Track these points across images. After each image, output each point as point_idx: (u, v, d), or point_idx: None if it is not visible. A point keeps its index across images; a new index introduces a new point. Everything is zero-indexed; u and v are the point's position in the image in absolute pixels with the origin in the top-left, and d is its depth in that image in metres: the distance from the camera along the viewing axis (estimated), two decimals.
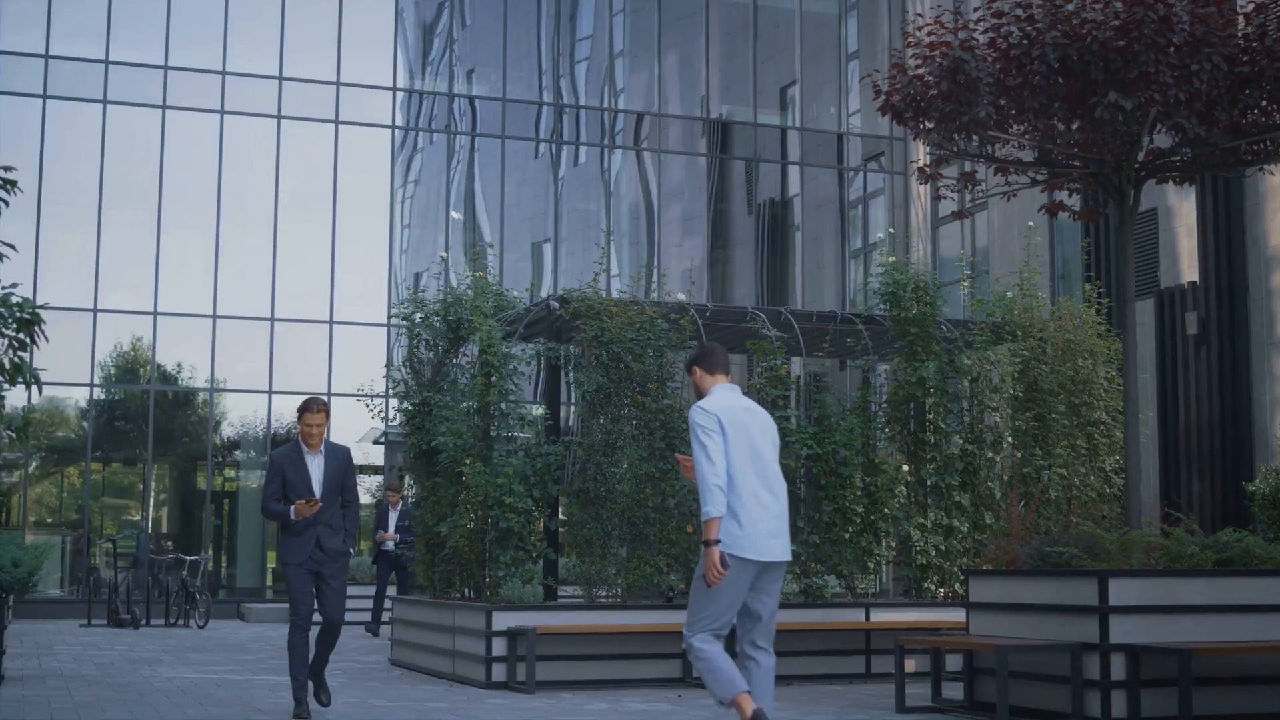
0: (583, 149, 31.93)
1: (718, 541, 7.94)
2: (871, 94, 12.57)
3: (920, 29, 12.15)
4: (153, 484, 28.76)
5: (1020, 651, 10.89)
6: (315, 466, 10.95)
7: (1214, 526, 19.20)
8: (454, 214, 31.19)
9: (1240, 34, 11.00)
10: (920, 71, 11.72)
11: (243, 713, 11.41)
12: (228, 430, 29.60)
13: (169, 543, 28.39)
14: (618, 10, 32.53)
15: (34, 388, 12.37)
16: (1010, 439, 15.89)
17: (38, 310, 12.26)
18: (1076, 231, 24.50)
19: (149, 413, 28.31)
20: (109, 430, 29.15)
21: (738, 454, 8.05)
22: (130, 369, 28.82)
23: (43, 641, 19.71)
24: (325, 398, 11.06)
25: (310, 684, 11.16)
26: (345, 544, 11.00)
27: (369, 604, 21.91)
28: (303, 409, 11.02)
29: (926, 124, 11.97)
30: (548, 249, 31.43)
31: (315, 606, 10.90)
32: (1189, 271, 22.56)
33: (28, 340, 12.16)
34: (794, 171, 32.71)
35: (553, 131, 31.49)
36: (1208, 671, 10.50)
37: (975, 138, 12.14)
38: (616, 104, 32.10)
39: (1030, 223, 15.83)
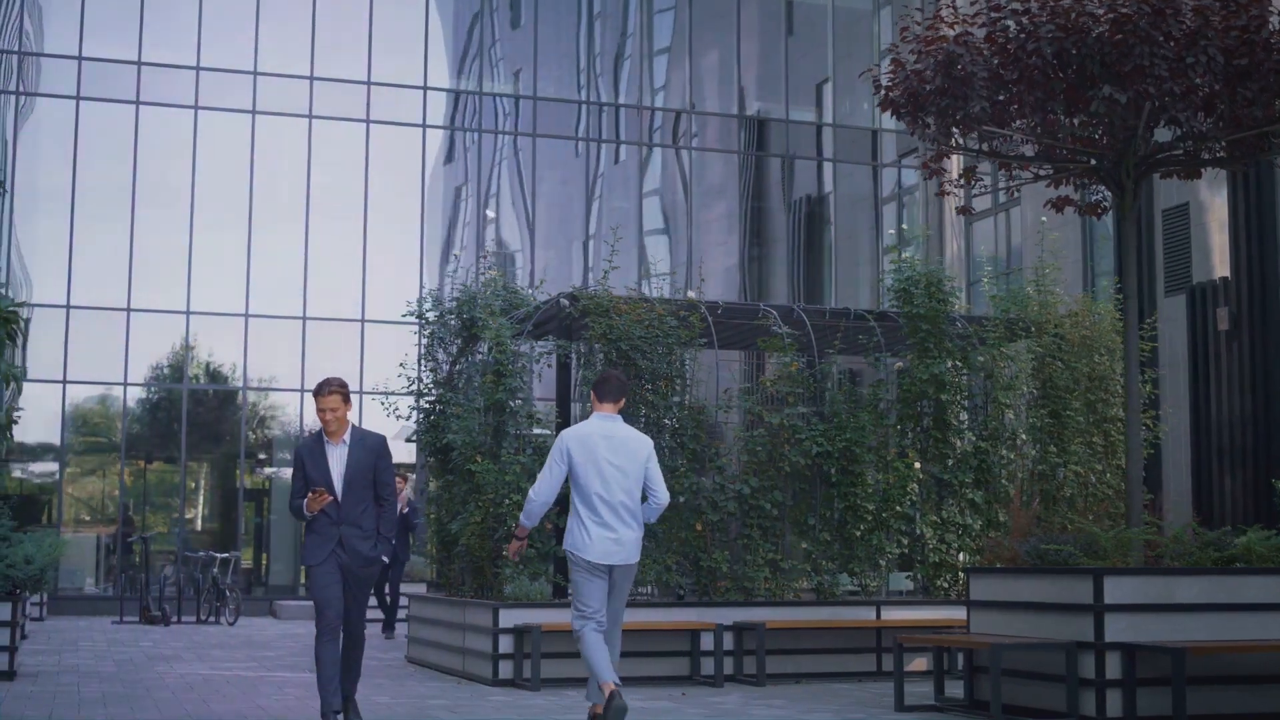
0: (622, 147, 31.91)
1: (521, 540, 10.03)
2: (872, 89, 12.50)
3: (918, 23, 12.08)
4: (187, 482, 28.97)
5: (1015, 650, 10.81)
6: (337, 458, 9.69)
7: (1246, 524, 18.99)
8: (488, 213, 31.24)
9: (1239, 26, 10.86)
10: (918, 67, 11.64)
11: (243, 709, 11.46)
12: (261, 429, 29.78)
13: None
14: (657, 9, 32.48)
15: (14, 385, 12.23)
16: (1024, 436, 15.78)
17: (17, 308, 12.21)
18: (1109, 228, 24.29)
19: (183, 411, 28.51)
20: (143, 429, 29.38)
21: (584, 474, 9.60)
22: (163, 368, 29.02)
23: (70, 638, 19.89)
24: (341, 378, 9.88)
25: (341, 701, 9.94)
26: (376, 550, 9.71)
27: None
28: (315, 393, 9.76)
29: (926, 120, 11.88)
30: (589, 246, 31.41)
31: (344, 610, 9.68)
32: (1221, 266, 22.31)
33: (5, 338, 12.11)
34: (829, 168, 32.60)
35: (588, 130, 31.49)
36: (1204, 670, 10.39)
37: (975, 133, 12.05)
38: (654, 102, 32.07)
39: (1044, 219, 15.72)
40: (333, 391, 9.66)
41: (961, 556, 15.21)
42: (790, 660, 14.24)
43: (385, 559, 9.81)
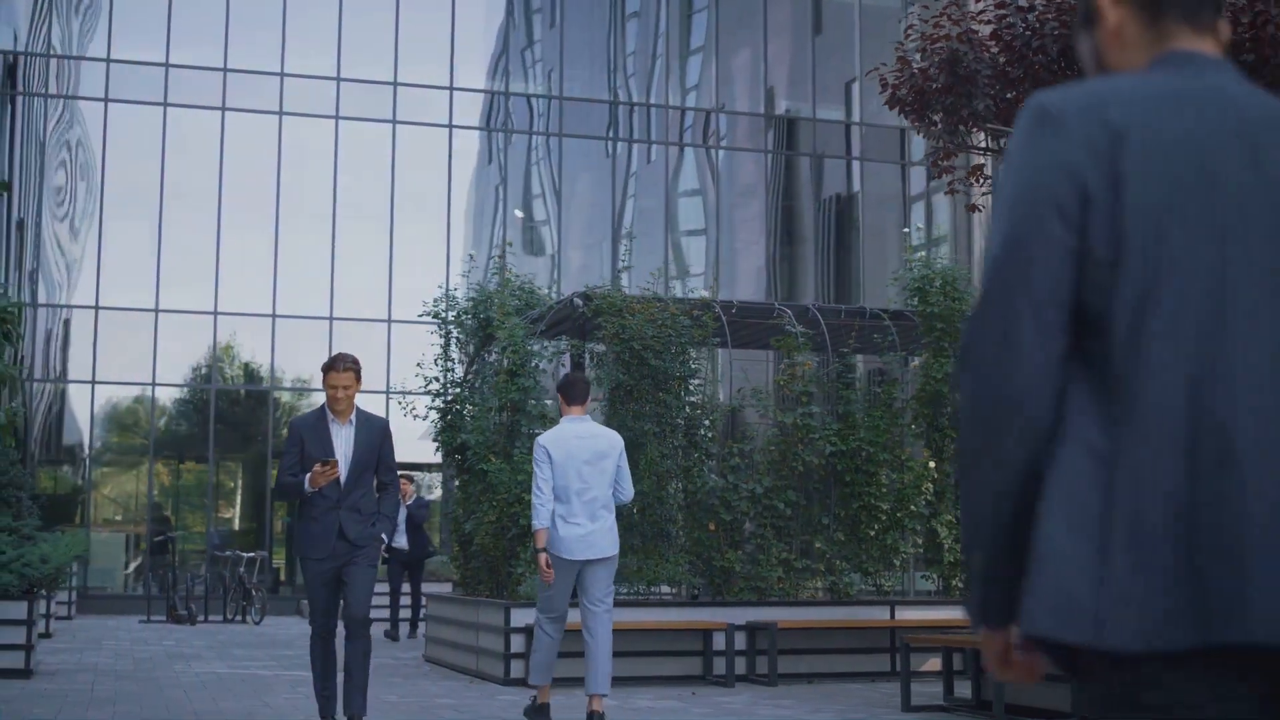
0: (653, 147, 31.90)
1: (544, 550, 10.13)
2: (879, 88, 12.47)
3: (925, 21, 12.05)
4: (216, 482, 29.13)
5: None
6: (342, 438, 9.17)
7: None
8: (517, 212, 31.30)
9: (1246, 22, 10.77)
10: (923, 65, 11.61)
11: (251, 706, 11.52)
12: (289, 428, 29.92)
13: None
14: (686, 10, 32.47)
15: (9, 387, 12.21)
16: None
17: (14, 307, 12.20)
18: None
19: (211, 412, 28.68)
20: (173, 429, 29.56)
21: (562, 475, 10.14)
22: (192, 368, 29.19)
23: (94, 637, 20.01)
24: (355, 355, 9.42)
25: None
26: (375, 527, 9.16)
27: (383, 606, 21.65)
28: (327, 367, 9.21)
29: (933, 118, 11.85)
30: (619, 246, 31.38)
31: (338, 610, 9.24)
32: None
33: (2, 338, 12.11)
34: (857, 166, 32.53)
35: (617, 129, 31.50)
36: None
37: (982, 131, 12.01)
38: (684, 102, 32.07)
39: None
40: (347, 368, 9.15)
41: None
42: (804, 660, 14.21)
43: (385, 537, 9.31)
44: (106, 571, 28.05)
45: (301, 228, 28.96)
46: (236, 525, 29.77)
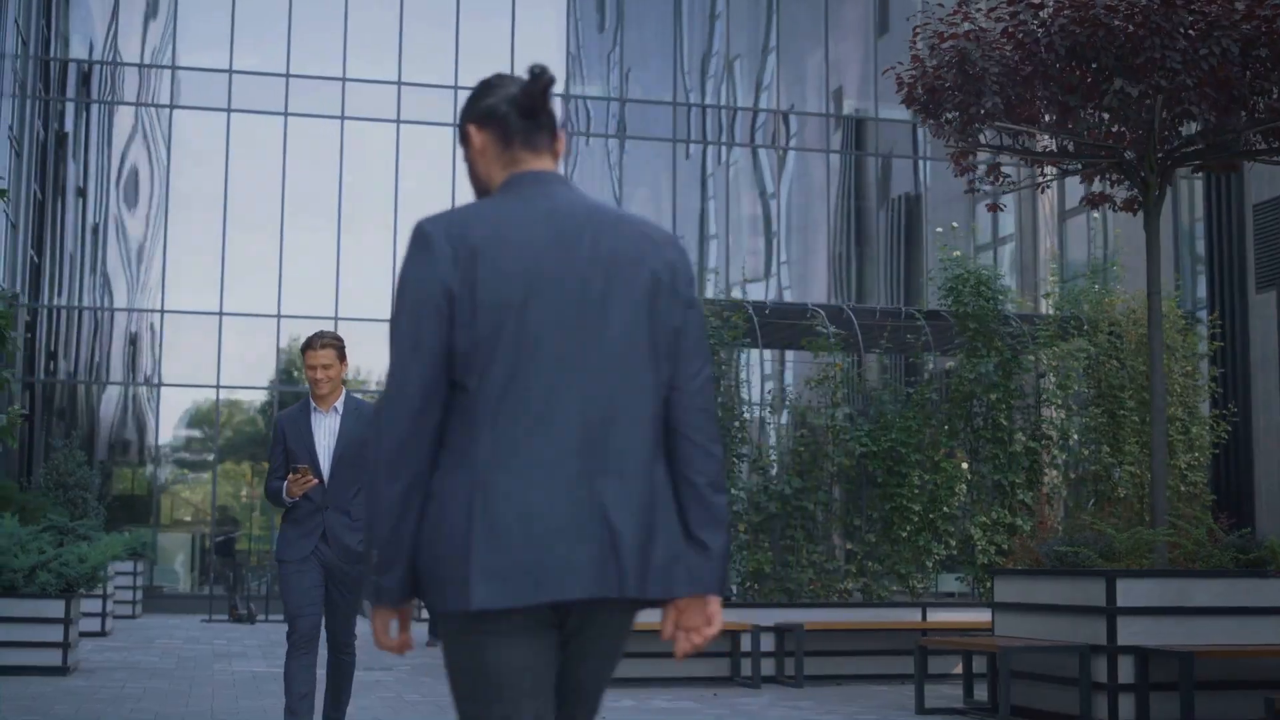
0: (720, 149, 31.85)
1: None
2: (895, 87, 12.39)
3: (941, 19, 11.96)
4: None
5: (1028, 652, 10.68)
6: (324, 429, 7.97)
7: None
8: None
9: (1262, 16, 10.60)
10: (934, 63, 11.54)
11: (271, 705, 11.65)
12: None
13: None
14: (752, 11, 32.41)
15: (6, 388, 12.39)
16: (1075, 436, 15.54)
17: (7, 311, 12.35)
18: (1198, 226, 23.82)
19: (275, 413, 28.99)
20: (238, 431, 29.93)
21: None
22: (256, 371, 29.52)
23: (149, 635, 20.28)
24: (336, 333, 8.15)
25: None
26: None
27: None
28: (304, 346, 7.98)
29: (948, 115, 11.77)
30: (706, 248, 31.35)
31: (320, 622, 7.91)
32: None
33: None
34: (924, 167, 32.32)
35: (688, 132, 31.49)
36: (1218, 675, 10.18)
37: (995, 130, 11.91)
38: (756, 104, 32.01)
39: (1095, 215, 15.46)
40: (326, 345, 7.90)
41: (995, 555, 15.05)
42: (834, 662, 14.16)
43: None
44: (173, 571, 28.47)
45: (364, 231, 29.25)
46: None
